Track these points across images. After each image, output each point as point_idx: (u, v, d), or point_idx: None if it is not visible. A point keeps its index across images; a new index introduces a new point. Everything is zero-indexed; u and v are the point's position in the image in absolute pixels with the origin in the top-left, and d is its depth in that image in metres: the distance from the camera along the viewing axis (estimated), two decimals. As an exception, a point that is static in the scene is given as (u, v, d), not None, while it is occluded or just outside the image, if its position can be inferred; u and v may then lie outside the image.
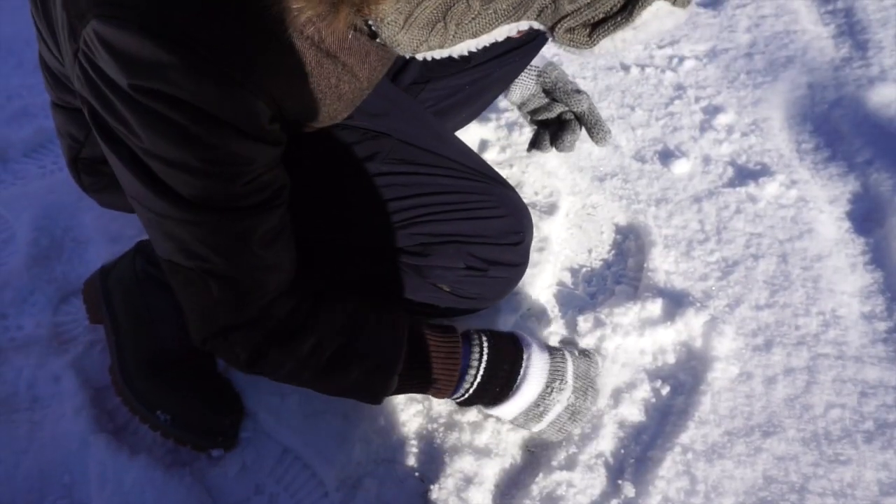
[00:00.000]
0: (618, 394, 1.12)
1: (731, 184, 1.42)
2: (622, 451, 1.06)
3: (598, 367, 1.08)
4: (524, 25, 0.57)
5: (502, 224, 1.02)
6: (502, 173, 1.46)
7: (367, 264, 1.00)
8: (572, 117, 1.28)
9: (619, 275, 1.33)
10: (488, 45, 0.60)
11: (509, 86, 1.28)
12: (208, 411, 1.07)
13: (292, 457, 1.09)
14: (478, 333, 0.99)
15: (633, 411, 1.10)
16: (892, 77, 1.59)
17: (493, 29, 0.56)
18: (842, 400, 1.09)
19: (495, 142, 1.53)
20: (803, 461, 1.03)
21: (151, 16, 0.61)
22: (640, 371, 1.15)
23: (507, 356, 0.99)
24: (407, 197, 0.97)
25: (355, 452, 1.06)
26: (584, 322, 1.20)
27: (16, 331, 1.24)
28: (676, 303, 1.21)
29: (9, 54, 1.81)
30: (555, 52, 1.66)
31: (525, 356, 0.99)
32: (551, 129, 1.30)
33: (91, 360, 1.19)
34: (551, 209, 1.39)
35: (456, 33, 0.56)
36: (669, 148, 1.51)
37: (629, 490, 1.00)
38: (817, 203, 1.38)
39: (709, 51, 1.74)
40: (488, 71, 1.19)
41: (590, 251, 1.37)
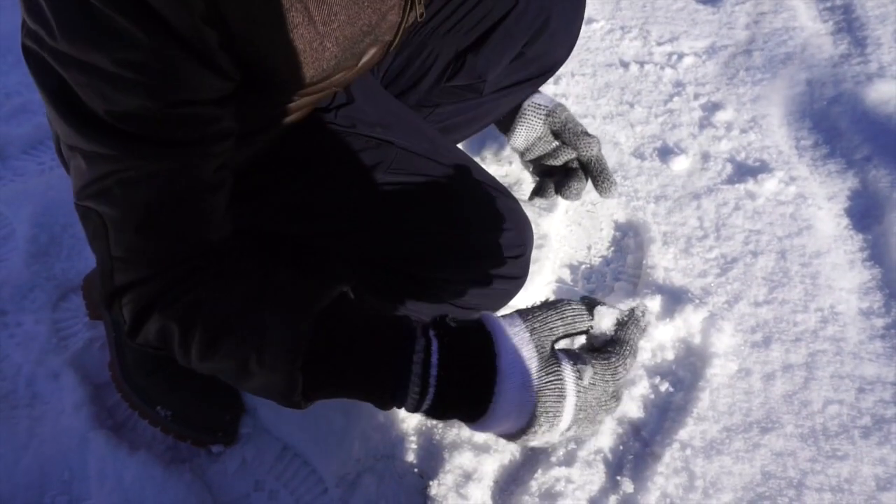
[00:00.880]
0: (617, 390, 1.12)
1: (730, 180, 1.43)
2: (621, 447, 1.07)
3: (629, 365, 0.71)
4: None
5: (504, 238, 1.01)
6: (501, 170, 1.48)
7: (366, 273, 1.00)
8: (577, 165, 1.22)
9: (619, 271, 1.33)
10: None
11: (513, 113, 1.24)
12: (208, 407, 1.08)
13: (292, 453, 1.09)
14: (427, 333, 0.70)
15: (631, 408, 1.10)
16: (890, 74, 1.59)
17: None
18: (840, 396, 1.10)
19: (494, 139, 1.53)
20: (801, 457, 1.03)
21: None
22: (638, 367, 1.15)
23: (466, 374, 0.69)
24: (408, 207, 0.97)
25: (355, 449, 1.06)
26: (583, 318, 1.20)
27: (15, 327, 1.24)
28: (675, 299, 1.22)
29: (7, 51, 1.80)
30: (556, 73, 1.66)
31: (497, 379, 0.67)
32: (556, 178, 1.25)
33: (90, 356, 1.19)
34: (550, 206, 1.39)
35: None
36: (668, 145, 1.51)
37: (628, 486, 1.01)
38: (816, 200, 1.38)
39: (708, 48, 1.74)
40: (496, 97, 1.19)
41: (589, 248, 1.37)
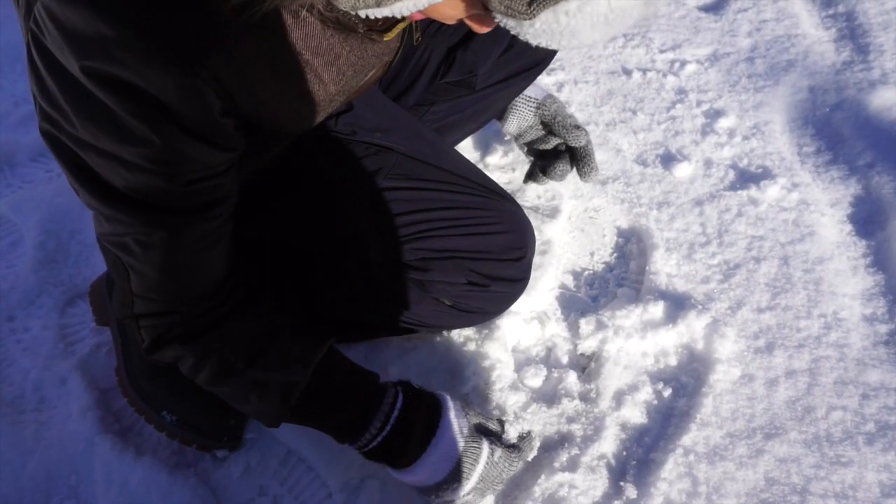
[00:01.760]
0: (620, 396, 1.12)
1: (733, 187, 1.43)
2: (624, 452, 1.07)
3: (518, 465, 0.98)
4: None
5: (504, 240, 1.02)
6: (504, 177, 1.48)
7: (367, 277, 1.01)
8: (566, 149, 1.29)
9: (621, 278, 1.33)
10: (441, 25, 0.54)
11: (509, 104, 1.29)
12: (213, 412, 1.08)
13: (296, 458, 1.10)
14: (395, 386, 0.93)
15: (635, 413, 1.11)
16: (893, 80, 1.59)
17: None
18: (843, 402, 1.10)
19: (498, 146, 1.53)
20: (805, 463, 1.03)
21: None
22: (641, 373, 1.16)
23: (419, 418, 0.91)
24: (409, 212, 0.97)
25: (358, 454, 1.07)
26: (586, 325, 1.21)
27: (22, 333, 1.25)
28: (678, 305, 1.22)
29: (16, 60, 1.82)
30: (559, 80, 1.67)
31: (438, 431, 0.90)
32: (543, 161, 1.32)
33: (97, 361, 1.20)
34: (553, 213, 1.39)
35: None
36: (671, 151, 1.51)
37: (631, 492, 1.01)
38: (819, 206, 1.38)
39: (710, 55, 1.75)
40: (491, 93, 1.20)
41: (592, 254, 1.37)
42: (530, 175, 1.35)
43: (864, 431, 1.06)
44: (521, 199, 1.43)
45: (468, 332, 1.19)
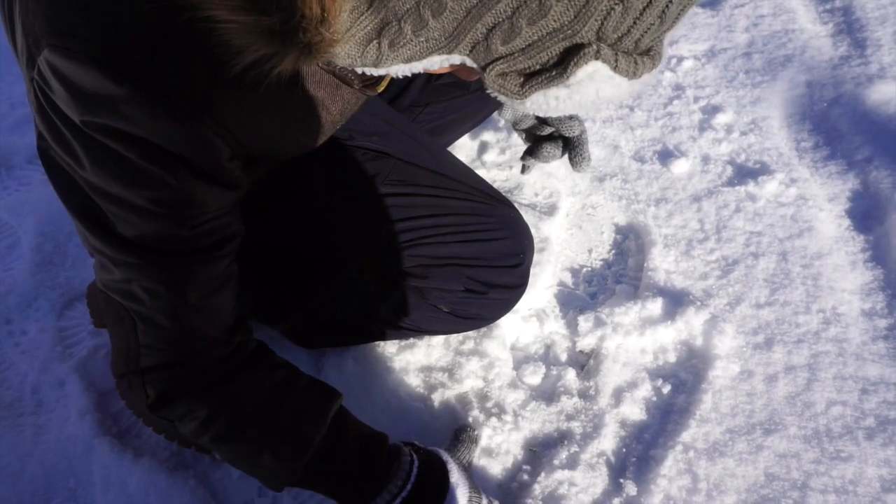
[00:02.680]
0: (619, 393, 1.12)
1: (731, 183, 1.43)
2: (624, 449, 1.07)
3: None
4: (457, 60, 0.54)
5: (502, 247, 1.01)
6: (502, 174, 1.48)
7: (364, 283, 1.00)
8: (559, 135, 1.28)
9: (620, 274, 1.33)
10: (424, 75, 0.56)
11: (504, 103, 1.28)
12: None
13: (295, 458, 1.09)
14: (408, 449, 0.90)
15: (634, 410, 1.10)
16: (890, 75, 1.59)
17: (424, 58, 0.54)
18: (843, 397, 1.09)
19: (495, 143, 1.53)
20: (805, 458, 1.03)
21: (105, 47, 0.58)
22: (641, 370, 1.15)
23: (433, 487, 0.88)
24: (407, 219, 0.97)
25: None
26: (584, 322, 1.21)
27: (20, 336, 1.25)
28: (677, 302, 1.22)
29: (12, 63, 1.81)
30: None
31: (448, 494, 0.87)
32: (537, 143, 1.31)
33: (95, 364, 1.20)
34: (551, 210, 1.39)
35: (388, 55, 0.53)
36: (669, 148, 1.51)
37: (631, 489, 1.01)
38: (817, 201, 1.38)
39: (707, 50, 1.74)
40: (486, 93, 1.20)
41: (590, 251, 1.37)
42: (526, 156, 1.35)
43: (863, 426, 1.06)
44: (519, 196, 1.43)
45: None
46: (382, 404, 1.11)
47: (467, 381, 1.13)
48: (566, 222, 1.41)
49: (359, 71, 0.58)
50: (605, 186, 1.45)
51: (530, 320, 1.24)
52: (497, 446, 1.06)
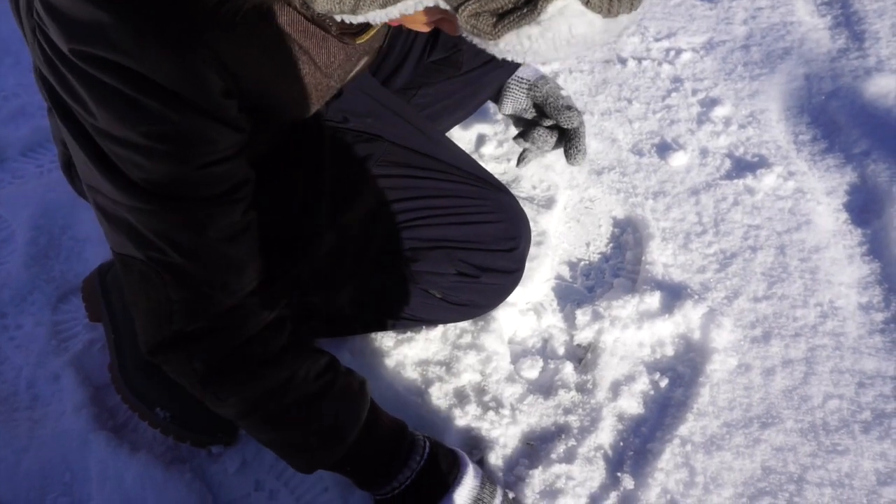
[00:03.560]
0: (616, 386, 1.12)
1: (729, 176, 1.42)
2: (621, 443, 1.07)
3: None
4: (430, 2, 0.54)
5: (496, 230, 1.00)
6: (499, 167, 1.48)
7: (355, 266, 1.00)
8: (557, 127, 1.26)
9: (618, 268, 1.33)
10: (409, 31, 0.55)
11: (499, 88, 1.27)
12: (207, 408, 1.07)
13: (292, 452, 1.09)
14: (423, 438, 0.93)
15: (631, 404, 1.10)
16: (888, 67, 1.59)
17: (398, 1, 0.54)
18: (839, 390, 1.10)
19: (493, 136, 1.52)
20: (801, 452, 1.03)
21: None
22: (638, 363, 1.15)
23: (441, 470, 0.91)
24: (398, 200, 0.96)
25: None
26: (582, 315, 1.20)
27: (15, 330, 1.24)
28: (675, 295, 1.22)
29: (6, 54, 1.80)
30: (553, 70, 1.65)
31: (458, 476, 0.91)
32: (530, 135, 1.28)
33: (90, 358, 1.19)
34: (549, 203, 1.39)
35: (364, 0, 0.54)
36: (667, 141, 1.51)
37: (628, 482, 1.01)
38: (815, 194, 1.38)
39: (705, 43, 1.74)
40: (478, 76, 1.19)
41: (588, 244, 1.37)
42: (516, 138, 1.33)
43: (860, 420, 1.06)
44: (517, 189, 1.42)
45: (464, 323, 1.18)
46: (379, 398, 1.10)
47: (465, 375, 1.13)
48: (564, 215, 1.41)
49: (337, 19, 0.58)
50: (603, 179, 1.44)
51: (528, 314, 1.24)
52: (494, 440, 1.06)
